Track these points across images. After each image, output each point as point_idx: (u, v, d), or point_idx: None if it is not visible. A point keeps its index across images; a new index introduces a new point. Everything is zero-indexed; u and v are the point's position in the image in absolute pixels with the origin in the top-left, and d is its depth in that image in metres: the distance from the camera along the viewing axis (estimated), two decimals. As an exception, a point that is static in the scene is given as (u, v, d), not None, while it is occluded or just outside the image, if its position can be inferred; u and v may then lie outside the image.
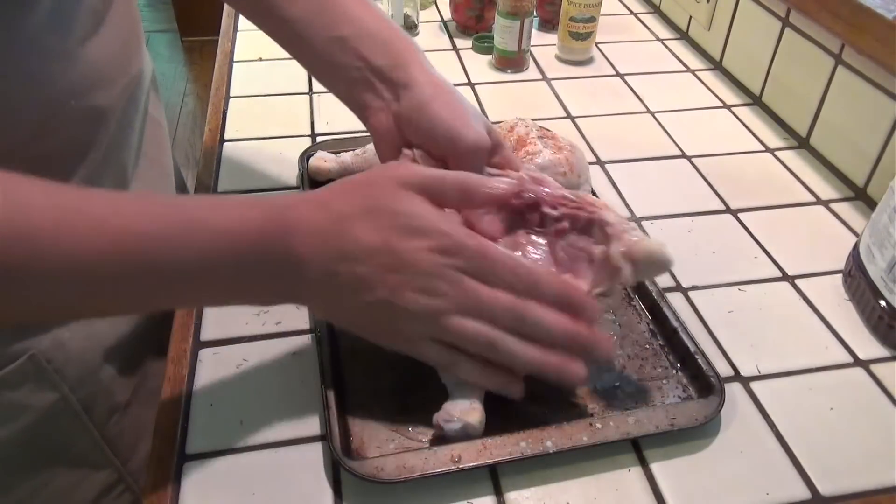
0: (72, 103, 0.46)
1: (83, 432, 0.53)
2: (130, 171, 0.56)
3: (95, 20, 0.48)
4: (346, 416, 0.47)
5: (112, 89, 0.51)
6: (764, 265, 0.63)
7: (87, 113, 0.48)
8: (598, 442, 0.45)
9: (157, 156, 0.64)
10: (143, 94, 0.57)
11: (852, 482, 0.46)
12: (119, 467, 0.56)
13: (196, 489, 0.44)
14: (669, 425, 0.46)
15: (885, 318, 0.55)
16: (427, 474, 0.43)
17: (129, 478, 0.57)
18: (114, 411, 0.54)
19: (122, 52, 0.52)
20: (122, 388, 0.55)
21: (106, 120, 0.50)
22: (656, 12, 1.11)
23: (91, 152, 0.50)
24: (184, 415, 0.48)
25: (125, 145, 0.55)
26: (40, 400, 0.49)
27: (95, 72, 0.48)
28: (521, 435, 0.45)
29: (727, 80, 0.92)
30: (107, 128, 0.51)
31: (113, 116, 0.51)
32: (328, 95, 0.57)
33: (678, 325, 0.53)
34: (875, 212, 0.57)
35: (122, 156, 0.54)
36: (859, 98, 0.71)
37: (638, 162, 0.76)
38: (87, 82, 0.47)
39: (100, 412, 0.53)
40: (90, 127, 0.49)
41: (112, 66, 0.50)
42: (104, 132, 0.50)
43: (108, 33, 0.49)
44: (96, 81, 0.48)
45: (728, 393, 0.49)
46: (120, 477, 0.56)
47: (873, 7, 0.65)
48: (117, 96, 0.51)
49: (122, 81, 0.52)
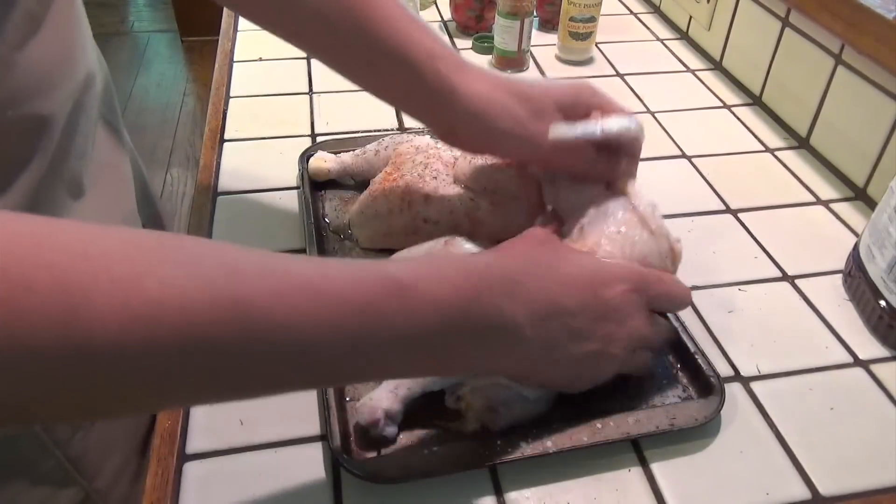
0: (8, 113, 0.43)
1: (45, 451, 0.51)
2: (85, 180, 0.53)
3: (32, 24, 0.44)
4: (346, 416, 0.47)
5: (54, 96, 0.47)
6: (764, 265, 0.63)
7: (26, 122, 0.45)
8: (599, 442, 0.45)
9: (114, 162, 0.60)
10: (93, 100, 0.54)
11: (852, 482, 0.46)
12: (85, 486, 0.54)
13: (196, 489, 0.44)
14: (669, 425, 0.46)
15: (885, 318, 0.55)
16: (428, 474, 0.43)
17: (95, 496, 0.55)
18: (77, 429, 0.52)
19: (65, 56, 0.49)
20: None
21: (49, 128, 0.47)
22: (656, 12, 1.11)
23: (33, 162, 0.47)
24: (184, 415, 0.48)
25: (74, 154, 0.51)
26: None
27: (34, 78, 0.45)
28: (521, 435, 0.45)
29: (727, 80, 0.92)
30: (50, 136, 0.48)
31: (57, 124, 0.48)
32: (328, 95, 0.57)
33: (678, 324, 0.53)
34: (875, 212, 0.57)
35: (72, 164, 0.51)
36: (859, 98, 0.71)
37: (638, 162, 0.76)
38: (24, 90, 0.44)
39: (62, 430, 0.51)
40: (31, 136, 0.46)
41: (53, 71, 0.47)
42: (47, 141, 0.47)
43: (46, 37, 0.46)
44: (35, 88, 0.45)
45: (728, 393, 0.49)
46: (87, 495, 0.54)
47: (873, 7, 0.65)
48: (61, 103, 0.48)
49: (67, 87, 0.49)
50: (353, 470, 0.43)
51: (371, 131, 0.77)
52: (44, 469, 0.51)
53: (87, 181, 0.54)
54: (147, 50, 3.19)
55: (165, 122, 2.70)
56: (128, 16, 3.50)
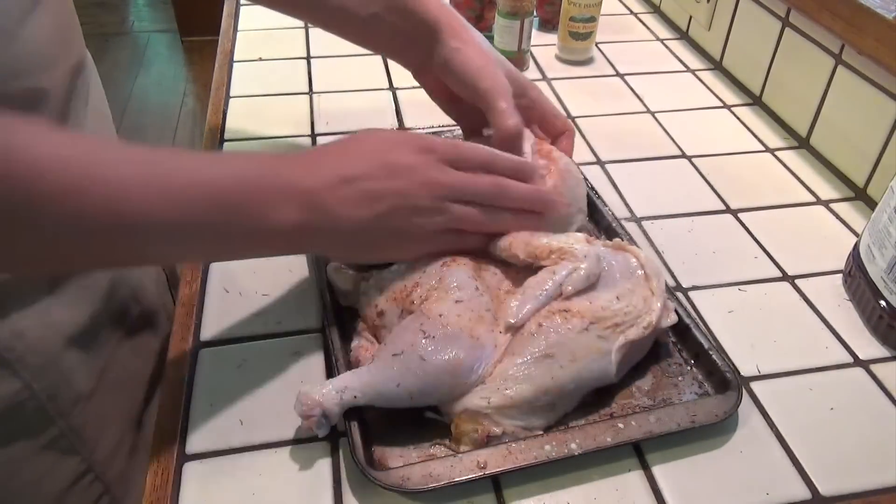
0: (13, 83, 0.47)
1: (48, 420, 0.53)
2: None
3: (30, 1, 0.48)
4: (367, 426, 0.46)
5: (54, 71, 0.51)
6: (764, 265, 0.63)
7: (28, 94, 0.48)
8: (623, 442, 0.45)
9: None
10: (85, 85, 0.58)
11: (852, 482, 0.46)
12: (86, 457, 0.56)
13: (196, 489, 0.44)
14: (691, 422, 0.46)
15: (885, 318, 0.55)
16: (454, 482, 0.42)
17: (96, 468, 0.57)
18: (77, 401, 0.54)
19: (61, 35, 0.52)
20: (84, 376, 0.55)
21: (48, 103, 0.50)
22: (656, 12, 1.11)
23: None
24: (184, 415, 0.48)
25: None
26: (4, 388, 0.49)
27: (36, 52, 0.48)
28: (545, 438, 0.45)
29: (727, 80, 0.92)
30: (48, 112, 0.51)
31: (55, 101, 0.51)
32: (328, 95, 0.57)
33: (690, 321, 0.53)
34: (875, 212, 0.57)
35: None
36: (859, 98, 0.71)
37: (638, 162, 0.76)
38: (28, 62, 0.48)
39: (63, 401, 0.53)
40: (31, 109, 0.49)
41: (52, 47, 0.50)
42: (46, 115, 0.51)
43: (44, 14, 0.49)
44: (38, 62, 0.49)
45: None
46: (89, 466, 0.56)
47: (873, 7, 0.65)
48: (59, 79, 0.52)
49: (65, 65, 0.53)
50: (379, 480, 0.42)
51: (371, 131, 0.77)
52: (47, 438, 0.53)
53: None
54: (147, 50, 3.20)
55: (165, 122, 2.70)
56: (128, 16, 3.51)
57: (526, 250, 0.51)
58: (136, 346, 0.62)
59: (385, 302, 0.51)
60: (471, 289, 0.49)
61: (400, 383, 0.44)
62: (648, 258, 0.53)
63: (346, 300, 0.55)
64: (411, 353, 0.45)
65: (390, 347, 0.46)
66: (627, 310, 0.49)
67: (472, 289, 0.49)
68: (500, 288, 0.51)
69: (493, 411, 0.45)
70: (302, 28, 0.99)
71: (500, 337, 0.48)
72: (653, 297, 0.50)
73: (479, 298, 0.49)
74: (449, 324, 0.46)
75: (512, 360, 0.46)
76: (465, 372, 0.46)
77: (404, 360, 0.45)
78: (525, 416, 0.46)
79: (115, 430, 0.59)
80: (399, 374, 0.45)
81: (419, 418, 0.47)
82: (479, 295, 0.49)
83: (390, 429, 0.47)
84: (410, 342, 0.46)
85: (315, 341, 0.54)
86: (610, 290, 0.49)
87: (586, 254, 0.50)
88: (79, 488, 0.56)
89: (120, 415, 0.60)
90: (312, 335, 0.54)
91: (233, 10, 1.04)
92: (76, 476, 0.55)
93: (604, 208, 0.64)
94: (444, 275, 0.50)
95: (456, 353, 0.45)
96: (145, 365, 0.63)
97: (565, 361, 0.46)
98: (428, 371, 0.45)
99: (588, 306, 0.48)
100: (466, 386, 0.46)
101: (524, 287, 0.49)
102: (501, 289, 0.51)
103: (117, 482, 0.58)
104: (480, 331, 0.47)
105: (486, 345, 0.47)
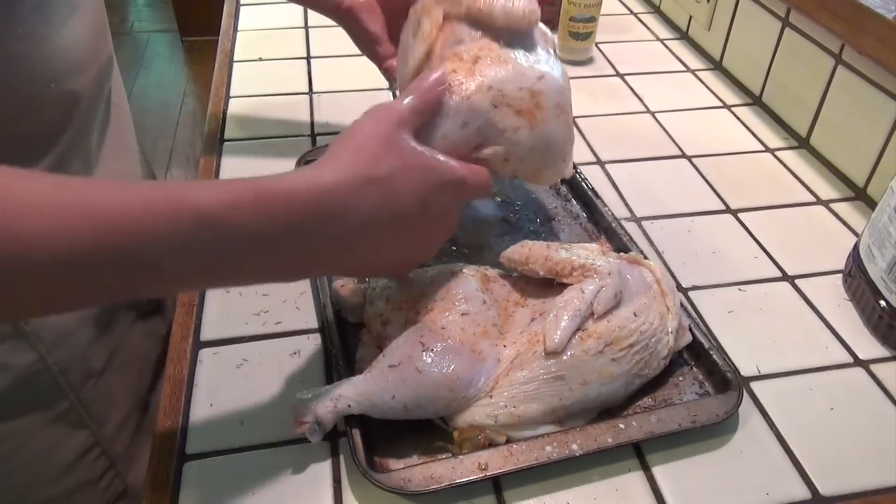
0: (51, 87, 0.48)
1: (60, 393, 0.54)
2: (94, 155, 0.57)
3: (70, 7, 0.50)
4: (368, 429, 0.46)
5: (86, 74, 0.52)
6: (764, 265, 0.63)
7: (63, 97, 0.50)
8: (623, 442, 0.45)
9: (121, 137, 0.65)
10: (108, 81, 0.59)
11: (852, 482, 0.46)
12: (95, 431, 0.57)
13: (196, 489, 0.44)
14: (692, 422, 0.46)
15: (885, 318, 0.55)
16: (455, 483, 0.42)
17: (104, 442, 0.58)
18: (89, 376, 0.56)
19: (94, 38, 0.54)
20: (96, 354, 0.57)
21: (78, 104, 0.52)
22: (656, 12, 1.11)
23: (63, 136, 0.51)
24: (184, 415, 0.48)
25: (91, 129, 0.56)
26: (19, 359, 0.51)
27: (72, 57, 0.50)
28: (546, 439, 0.45)
29: (727, 80, 0.92)
30: (78, 112, 0.52)
31: (86, 101, 0.53)
32: (328, 95, 0.57)
33: (690, 321, 0.53)
34: (875, 212, 0.57)
35: (88, 139, 0.56)
36: (859, 98, 0.71)
37: (638, 162, 0.76)
38: (65, 67, 0.49)
39: (75, 376, 0.55)
40: (65, 111, 0.51)
41: (86, 51, 0.52)
42: (76, 116, 0.52)
43: (80, 20, 0.51)
44: (73, 66, 0.50)
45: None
46: (96, 441, 0.57)
47: (873, 7, 0.65)
48: (90, 81, 0.53)
49: (95, 67, 0.54)
50: (381, 483, 0.42)
51: (371, 131, 0.77)
52: (59, 410, 0.54)
53: (95, 157, 0.57)
54: (147, 50, 3.20)
55: (165, 122, 2.70)
56: (128, 16, 3.51)
57: (545, 266, 0.50)
58: (146, 329, 0.63)
59: (390, 311, 0.51)
60: (478, 302, 0.49)
61: (395, 395, 0.44)
62: (665, 273, 0.52)
63: (354, 316, 0.54)
64: (408, 364, 0.45)
65: (388, 358, 0.46)
66: (644, 328, 0.48)
67: (480, 302, 0.49)
68: (508, 300, 0.51)
69: (500, 428, 0.46)
70: (302, 28, 0.99)
71: (504, 350, 0.48)
72: (669, 315, 0.50)
73: (486, 312, 0.49)
74: (450, 337, 0.46)
75: (520, 374, 0.46)
76: (463, 386, 0.45)
77: (400, 372, 0.45)
78: (530, 430, 0.46)
79: (123, 408, 0.60)
80: (394, 386, 0.44)
81: (420, 420, 0.47)
82: (486, 309, 0.49)
83: (391, 430, 0.46)
84: (408, 354, 0.45)
85: (315, 341, 0.54)
86: (627, 305, 0.49)
87: (610, 270, 0.49)
88: (86, 461, 0.57)
89: (128, 394, 0.61)
90: (312, 335, 0.54)
91: (233, 10, 1.04)
92: (84, 449, 0.57)
93: (604, 208, 0.64)
94: (451, 286, 0.50)
95: (454, 367, 0.45)
96: (154, 348, 0.65)
97: (576, 384, 0.46)
98: (423, 384, 0.44)
99: (606, 326, 0.47)
100: (465, 400, 0.46)
101: (556, 308, 0.48)
102: (510, 300, 0.51)
103: (122, 458, 0.60)
104: (483, 345, 0.47)
105: (489, 359, 0.47)
